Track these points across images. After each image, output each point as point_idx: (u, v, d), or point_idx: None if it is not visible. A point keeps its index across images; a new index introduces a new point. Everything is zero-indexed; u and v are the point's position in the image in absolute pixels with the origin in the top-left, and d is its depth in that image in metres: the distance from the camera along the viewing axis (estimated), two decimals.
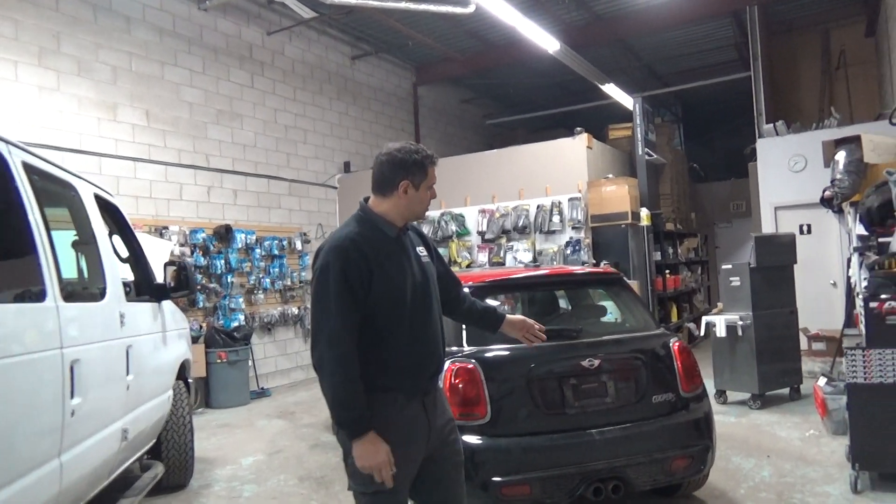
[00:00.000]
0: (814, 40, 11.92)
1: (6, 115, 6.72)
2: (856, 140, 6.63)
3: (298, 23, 10.05)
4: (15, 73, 6.87)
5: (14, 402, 2.43)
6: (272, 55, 10.06)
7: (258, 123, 9.76)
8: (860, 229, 5.75)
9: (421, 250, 2.51)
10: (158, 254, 5.90)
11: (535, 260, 9.21)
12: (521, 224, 9.56)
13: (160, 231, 8.21)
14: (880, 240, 5.30)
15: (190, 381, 5.40)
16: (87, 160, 7.43)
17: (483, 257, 9.85)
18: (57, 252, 2.90)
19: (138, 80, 8.12)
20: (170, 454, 4.85)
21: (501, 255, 9.68)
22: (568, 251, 9.22)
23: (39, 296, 2.71)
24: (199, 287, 8.63)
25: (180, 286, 4.58)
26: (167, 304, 4.80)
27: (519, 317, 2.81)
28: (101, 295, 3.47)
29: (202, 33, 8.98)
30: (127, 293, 4.27)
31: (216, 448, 6.35)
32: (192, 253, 8.58)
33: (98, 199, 3.85)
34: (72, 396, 2.86)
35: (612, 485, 3.40)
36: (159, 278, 4.65)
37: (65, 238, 3.71)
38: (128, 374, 3.64)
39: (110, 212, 4.18)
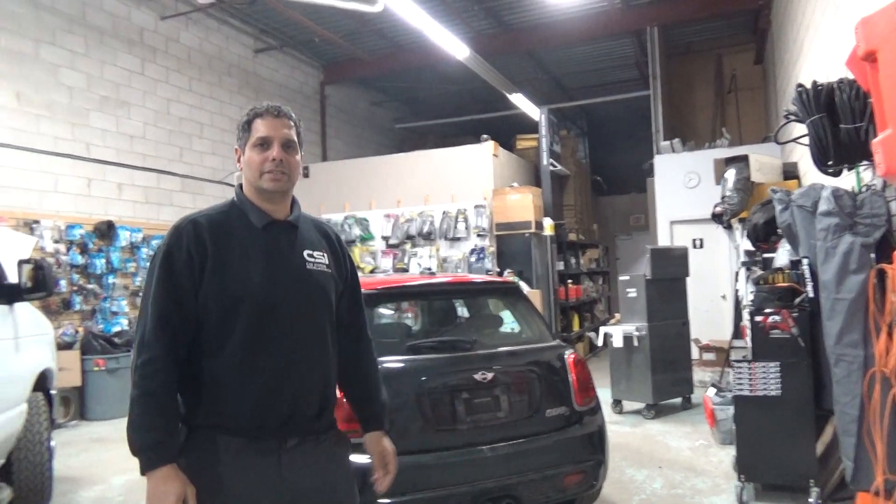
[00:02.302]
0: (708, 64, 12.53)
1: None
2: (744, 159, 6.93)
3: (195, 9, 9.48)
4: None
5: None
6: (166, 41, 9.43)
7: (148, 113, 9.11)
8: (747, 245, 5.98)
9: (314, 254, 1.93)
10: (19, 250, 5.29)
11: (430, 267, 9.09)
12: (426, 230, 9.42)
13: (30, 225, 7.47)
14: (765, 255, 5.51)
15: (52, 392, 4.86)
16: None
17: (387, 263, 9.63)
18: None
19: (7, 58, 7.34)
20: (22, 475, 4.30)
21: (406, 261, 9.49)
22: (472, 259, 9.17)
23: None
24: (75, 288, 7.93)
25: (38, 287, 4.09)
26: (23, 307, 4.28)
27: (386, 445, 2.13)
28: None
29: (85, 12, 8.26)
30: None
31: (86, 465, 5.78)
32: (68, 251, 7.86)
33: None
34: None
35: (503, 503, 3.27)
36: (14, 278, 4.14)
37: None
38: None
39: None
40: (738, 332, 7.38)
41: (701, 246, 9.74)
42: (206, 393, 1.80)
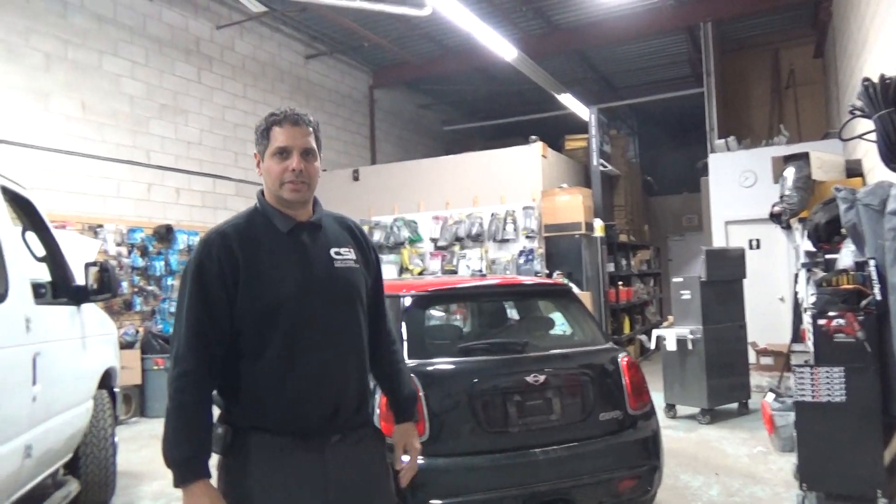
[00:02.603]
0: (764, 59, 12.17)
1: None
2: (804, 157, 6.70)
3: (249, 18, 9.73)
4: None
5: None
6: (221, 50, 9.70)
7: (205, 120, 9.39)
8: (808, 245, 5.77)
9: (341, 251, 1.96)
10: (84, 253, 5.52)
11: (481, 269, 9.08)
12: (474, 232, 9.42)
13: (94, 229, 7.78)
14: (827, 256, 5.31)
15: (116, 390, 5.04)
16: (12, 151, 6.96)
17: (436, 265, 9.66)
18: None
19: (74, 69, 7.68)
20: (88, 470, 4.48)
21: (454, 262, 9.51)
22: (521, 260, 9.12)
23: None
24: (136, 289, 8.23)
25: (103, 288, 4.25)
26: (89, 307, 4.45)
27: (412, 437, 2.16)
28: (2, 297, 3.13)
29: (146, 23, 8.58)
30: (42, 295, 3.94)
31: (146, 461, 5.97)
32: (130, 253, 8.16)
33: (6, 191, 3.50)
34: None
35: None
36: (81, 279, 4.31)
37: None
38: (34, 384, 3.31)
39: (22, 206, 3.83)
40: (797, 336, 7.15)
41: (758, 247, 9.46)
42: (248, 395, 1.83)
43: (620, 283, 10.84)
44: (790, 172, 6.62)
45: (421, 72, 12.53)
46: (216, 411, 1.88)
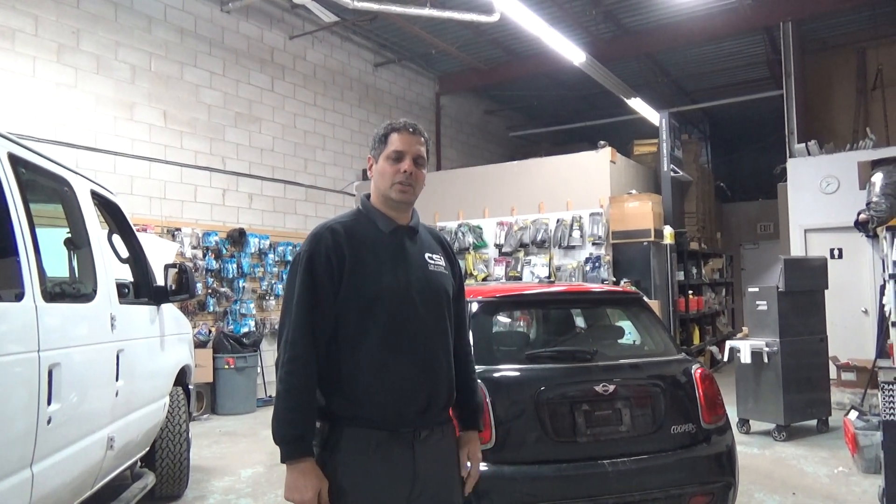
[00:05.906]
0: (849, 59, 11.56)
1: (22, 111, 6.69)
2: (894, 161, 6.35)
3: (321, 27, 9.97)
4: (33, 68, 6.83)
5: None
6: (294, 59, 9.98)
7: (277, 127, 9.67)
8: None
9: (434, 257, 2.10)
10: (163, 255, 5.76)
11: (550, 276, 8.97)
12: (539, 238, 9.33)
13: (173, 233, 8.12)
14: None
15: (190, 387, 5.24)
16: (101, 158, 7.37)
17: (500, 271, 9.62)
18: (40, 250, 2.74)
19: (157, 80, 8.07)
20: (164, 463, 4.67)
21: (518, 269, 9.45)
22: (587, 267, 8.97)
23: (17, 296, 2.55)
24: (209, 291, 8.53)
25: (181, 289, 4.42)
26: (168, 307, 4.64)
27: (478, 446, 2.21)
28: (91, 296, 3.31)
29: (223, 35, 8.93)
30: (125, 295, 4.13)
31: (217, 457, 6.18)
32: (205, 256, 8.47)
33: (96, 195, 3.70)
34: (49, 402, 2.68)
35: None
36: (161, 280, 4.49)
37: (57, 236, 3.56)
38: (117, 379, 3.47)
39: (110, 210, 4.03)
40: (883, 351, 6.76)
41: (840, 256, 9.00)
42: (347, 387, 1.92)
43: (690, 292, 10.53)
44: (878, 178, 6.29)
45: (487, 78, 12.53)
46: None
